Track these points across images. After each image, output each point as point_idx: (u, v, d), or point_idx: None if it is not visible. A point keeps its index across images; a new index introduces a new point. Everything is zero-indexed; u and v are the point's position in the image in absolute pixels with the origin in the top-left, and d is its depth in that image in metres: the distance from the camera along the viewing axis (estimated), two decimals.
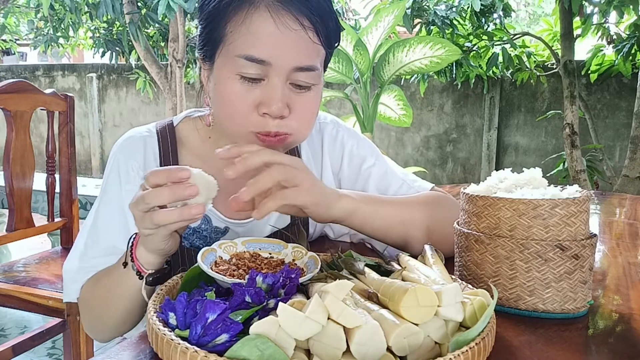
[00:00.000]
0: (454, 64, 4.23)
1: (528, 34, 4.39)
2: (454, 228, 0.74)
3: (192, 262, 0.84)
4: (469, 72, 4.31)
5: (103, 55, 5.86)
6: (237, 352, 0.45)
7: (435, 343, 0.51)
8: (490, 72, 4.45)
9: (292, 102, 0.74)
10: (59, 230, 1.80)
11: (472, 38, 4.24)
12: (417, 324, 0.49)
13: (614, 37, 3.86)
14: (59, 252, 1.79)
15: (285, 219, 0.93)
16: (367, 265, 0.64)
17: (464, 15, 4.10)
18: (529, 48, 4.48)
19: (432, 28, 4.00)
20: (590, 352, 0.59)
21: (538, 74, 4.41)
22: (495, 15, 4.14)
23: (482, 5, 3.83)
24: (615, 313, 0.69)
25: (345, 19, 6.38)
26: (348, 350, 0.47)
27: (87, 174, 7.02)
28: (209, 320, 0.49)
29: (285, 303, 0.49)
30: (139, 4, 4.87)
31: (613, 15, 3.59)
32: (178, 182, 0.61)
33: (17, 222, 1.60)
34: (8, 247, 3.79)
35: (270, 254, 0.73)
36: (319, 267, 0.64)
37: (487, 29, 4.18)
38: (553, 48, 4.13)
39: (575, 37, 3.67)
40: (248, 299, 0.53)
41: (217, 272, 0.62)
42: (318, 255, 0.69)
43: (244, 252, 0.72)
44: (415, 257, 0.70)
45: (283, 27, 0.71)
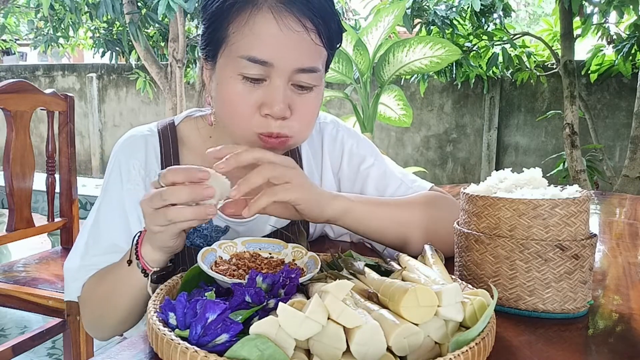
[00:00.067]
0: (454, 64, 4.23)
1: (528, 34, 4.39)
2: (454, 228, 0.74)
3: (192, 260, 0.85)
4: (469, 72, 4.31)
5: (103, 55, 5.87)
6: (237, 352, 0.45)
7: (435, 343, 0.51)
8: (490, 72, 4.46)
9: (293, 103, 0.75)
10: (59, 230, 1.80)
11: (472, 38, 4.24)
12: (417, 324, 0.49)
13: (614, 37, 3.86)
14: (59, 252, 1.79)
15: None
16: (367, 265, 0.64)
17: (464, 15, 4.10)
18: (529, 48, 4.48)
19: (432, 28, 4.00)
20: (590, 352, 0.59)
21: (538, 74, 4.40)
22: (495, 15, 4.14)
23: (482, 5, 3.83)
24: (615, 313, 0.69)
25: (345, 19, 6.38)
26: (348, 350, 0.47)
27: (87, 174, 7.02)
28: (209, 320, 0.49)
29: (285, 303, 0.49)
30: (139, 4, 4.87)
31: (613, 15, 3.59)
32: (197, 182, 0.62)
33: (17, 222, 1.60)
34: (8, 247, 3.79)
35: (270, 254, 0.73)
36: (319, 267, 0.64)
37: (487, 29, 4.17)
38: (553, 48, 4.13)
39: (575, 37, 3.67)
40: (248, 299, 0.53)
41: (217, 272, 0.63)
42: (318, 255, 0.69)
43: (244, 252, 0.72)
44: (415, 257, 0.70)
45: (286, 28, 0.71)
